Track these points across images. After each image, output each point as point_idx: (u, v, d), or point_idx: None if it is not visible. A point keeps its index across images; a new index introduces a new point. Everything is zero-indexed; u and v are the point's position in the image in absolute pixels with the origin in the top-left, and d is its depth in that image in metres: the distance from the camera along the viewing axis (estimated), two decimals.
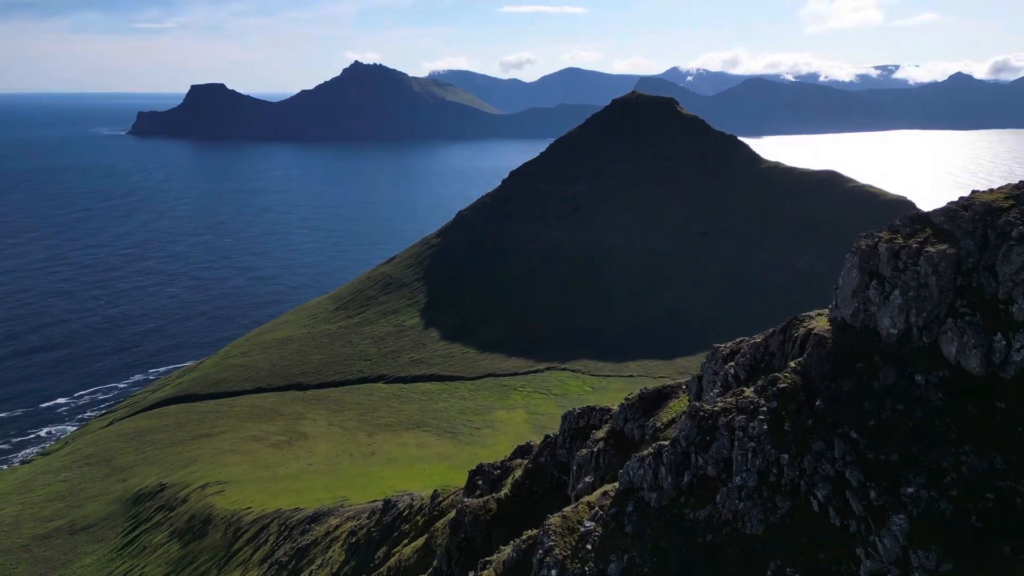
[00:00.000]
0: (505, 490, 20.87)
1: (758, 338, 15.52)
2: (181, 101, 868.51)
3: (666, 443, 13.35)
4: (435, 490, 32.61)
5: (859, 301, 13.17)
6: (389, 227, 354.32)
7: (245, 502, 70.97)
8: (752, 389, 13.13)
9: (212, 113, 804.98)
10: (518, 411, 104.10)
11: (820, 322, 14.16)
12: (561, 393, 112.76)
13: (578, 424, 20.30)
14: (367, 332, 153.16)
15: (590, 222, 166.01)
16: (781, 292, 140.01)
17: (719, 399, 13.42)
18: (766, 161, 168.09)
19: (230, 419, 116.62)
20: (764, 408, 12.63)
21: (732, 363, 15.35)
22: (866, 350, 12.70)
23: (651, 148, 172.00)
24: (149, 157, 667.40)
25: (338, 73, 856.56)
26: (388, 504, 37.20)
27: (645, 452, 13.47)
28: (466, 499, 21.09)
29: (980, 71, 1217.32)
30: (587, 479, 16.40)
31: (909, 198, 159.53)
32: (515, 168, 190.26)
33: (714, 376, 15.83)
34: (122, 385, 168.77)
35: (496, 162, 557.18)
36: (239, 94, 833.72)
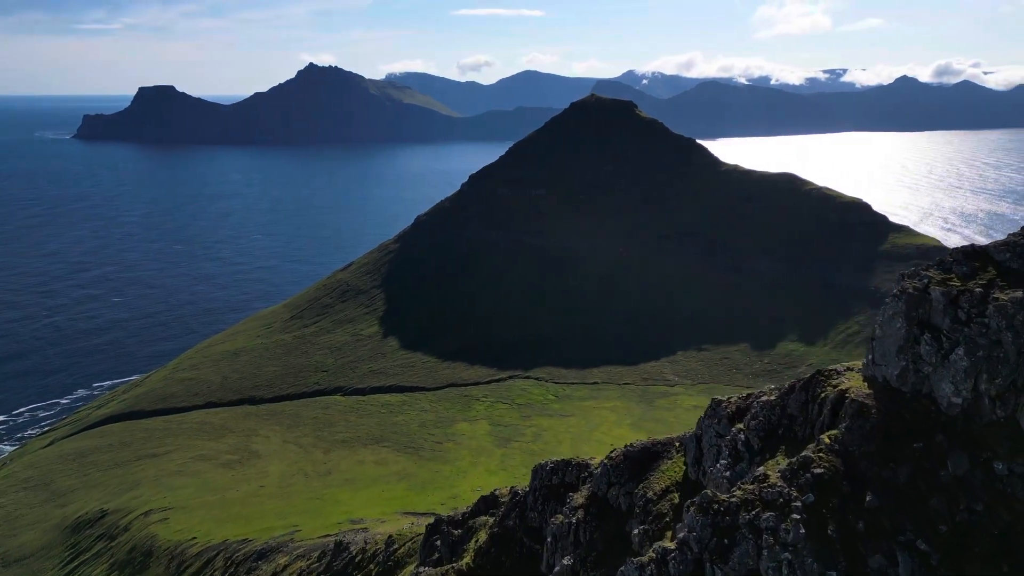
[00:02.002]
0: (467, 558, 18.02)
1: (771, 395, 12.88)
2: (128, 104, 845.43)
3: (671, 547, 10.63)
4: (390, 535, 29.68)
5: (908, 359, 10.62)
6: (346, 232, 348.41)
7: (190, 531, 66.60)
8: (779, 474, 10.48)
9: (161, 116, 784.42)
10: (481, 423, 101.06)
11: (853, 381, 11.59)
12: (524, 403, 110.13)
13: (551, 481, 17.50)
14: (323, 342, 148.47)
15: (551, 226, 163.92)
16: (742, 295, 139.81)
17: (736, 488, 10.72)
18: (725, 164, 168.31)
19: (178, 437, 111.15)
20: (798, 503, 9.98)
21: (741, 425, 12.71)
22: (923, 425, 10.17)
23: (611, 151, 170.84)
24: (98, 161, 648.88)
25: (292, 75, 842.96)
26: (339, 546, 34.05)
27: (645, 557, 10.75)
28: (422, 568, 18.28)
29: (924, 74, 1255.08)
30: (565, 561, 13.63)
31: (864, 199, 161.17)
32: (475, 172, 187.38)
33: (718, 439, 13.18)
34: (64, 401, 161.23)
35: (455, 165, 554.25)
36: (189, 96, 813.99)
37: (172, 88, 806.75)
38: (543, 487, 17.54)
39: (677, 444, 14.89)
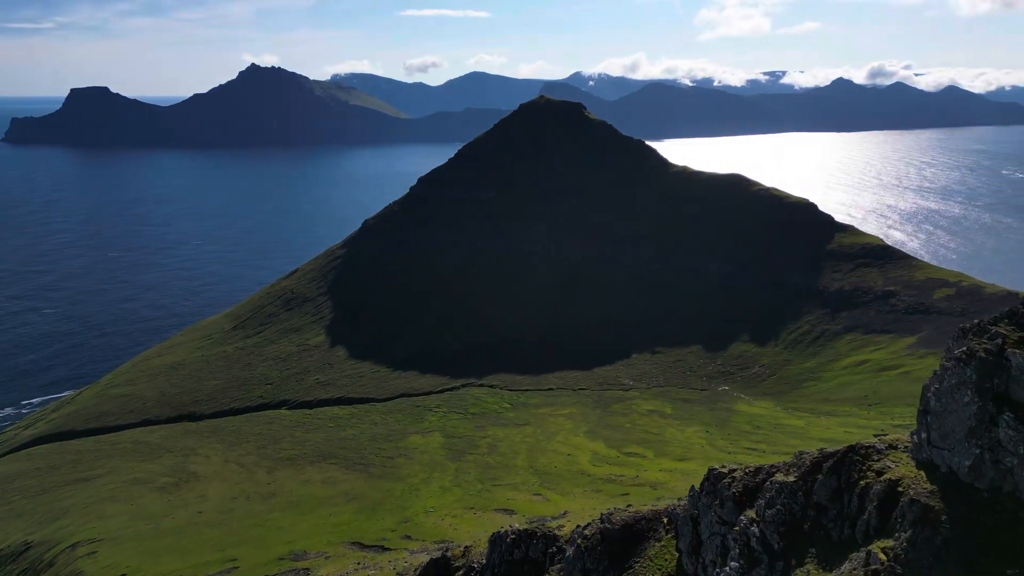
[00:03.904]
0: None
1: (788, 475, 10.31)
2: (60, 106, 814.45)
3: None
4: None
5: (983, 446, 8.18)
6: (291, 238, 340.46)
7: (120, 566, 61.74)
8: None
9: (95, 118, 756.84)
10: (434, 435, 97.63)
11: (902, 467, 9.07)
12: (479, 412, 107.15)
13: (512, 555, 14.72)
14: (268, 353, 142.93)
15: (503, 230, 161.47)
16: (695, 297, 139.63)
17: None
18: (674, 165, 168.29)
19: (111, 459, 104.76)
20: None
21: (753, 514, 10.12)
22: (1014, 539, 7.79)
23: (562, 153, 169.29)
24: (30, 165, 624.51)
25: (234, 76, 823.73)
26: None
27: None
28: None
29: (858, 76, 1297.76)
30: None
31: (809, 199, 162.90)
32: (424, 175, 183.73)
33: (721, 527, 10.61)
34: None
35: (404, 167, 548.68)
36: (125, 97, 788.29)
37: (106, 89, 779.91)
38: (503, 563, 14.75)
39: (665, 520, 12.27)
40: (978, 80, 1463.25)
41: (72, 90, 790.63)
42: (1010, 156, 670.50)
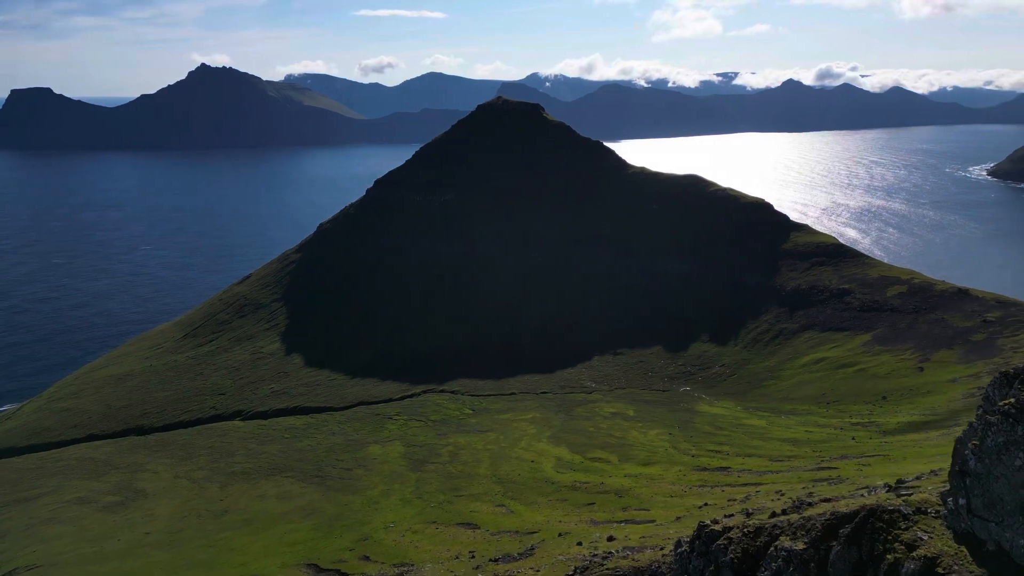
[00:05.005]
0: None
1: (796, 542, 8.83)
2: None
3: None
4: None
5: None
6: (245, 242, 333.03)
7: None
8: None
9: (37, 120, 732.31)
10: (393, 444, 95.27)
11: (937, 539, 7.66)
12: (440, 419, 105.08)
13: None
14: (220, 362, 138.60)
15: (462, 233, 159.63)
16: (655, 298, 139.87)
17: None
18: (632, 166, 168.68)
19: (53, 477, 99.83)
20: None
21: None
22: None
23: (520, 155, 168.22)
24: None
25: (183, 77, 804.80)
26: None
27: None
28: None
29: (807, 78, 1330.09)
30: None
31: (765, 199, 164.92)
32: (380, 176, 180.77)
33: None
34: None
35: (360, 169, 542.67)
36: (68, 99, 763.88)
37: (48, 90, 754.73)
38: None
39: None
40: (921, 81, 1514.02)
41: (12, 91, 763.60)
42: (953, 155, 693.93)
